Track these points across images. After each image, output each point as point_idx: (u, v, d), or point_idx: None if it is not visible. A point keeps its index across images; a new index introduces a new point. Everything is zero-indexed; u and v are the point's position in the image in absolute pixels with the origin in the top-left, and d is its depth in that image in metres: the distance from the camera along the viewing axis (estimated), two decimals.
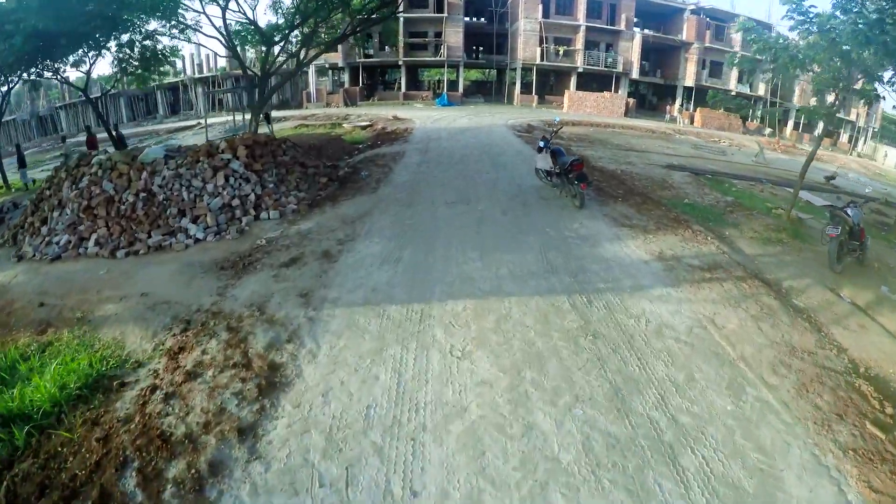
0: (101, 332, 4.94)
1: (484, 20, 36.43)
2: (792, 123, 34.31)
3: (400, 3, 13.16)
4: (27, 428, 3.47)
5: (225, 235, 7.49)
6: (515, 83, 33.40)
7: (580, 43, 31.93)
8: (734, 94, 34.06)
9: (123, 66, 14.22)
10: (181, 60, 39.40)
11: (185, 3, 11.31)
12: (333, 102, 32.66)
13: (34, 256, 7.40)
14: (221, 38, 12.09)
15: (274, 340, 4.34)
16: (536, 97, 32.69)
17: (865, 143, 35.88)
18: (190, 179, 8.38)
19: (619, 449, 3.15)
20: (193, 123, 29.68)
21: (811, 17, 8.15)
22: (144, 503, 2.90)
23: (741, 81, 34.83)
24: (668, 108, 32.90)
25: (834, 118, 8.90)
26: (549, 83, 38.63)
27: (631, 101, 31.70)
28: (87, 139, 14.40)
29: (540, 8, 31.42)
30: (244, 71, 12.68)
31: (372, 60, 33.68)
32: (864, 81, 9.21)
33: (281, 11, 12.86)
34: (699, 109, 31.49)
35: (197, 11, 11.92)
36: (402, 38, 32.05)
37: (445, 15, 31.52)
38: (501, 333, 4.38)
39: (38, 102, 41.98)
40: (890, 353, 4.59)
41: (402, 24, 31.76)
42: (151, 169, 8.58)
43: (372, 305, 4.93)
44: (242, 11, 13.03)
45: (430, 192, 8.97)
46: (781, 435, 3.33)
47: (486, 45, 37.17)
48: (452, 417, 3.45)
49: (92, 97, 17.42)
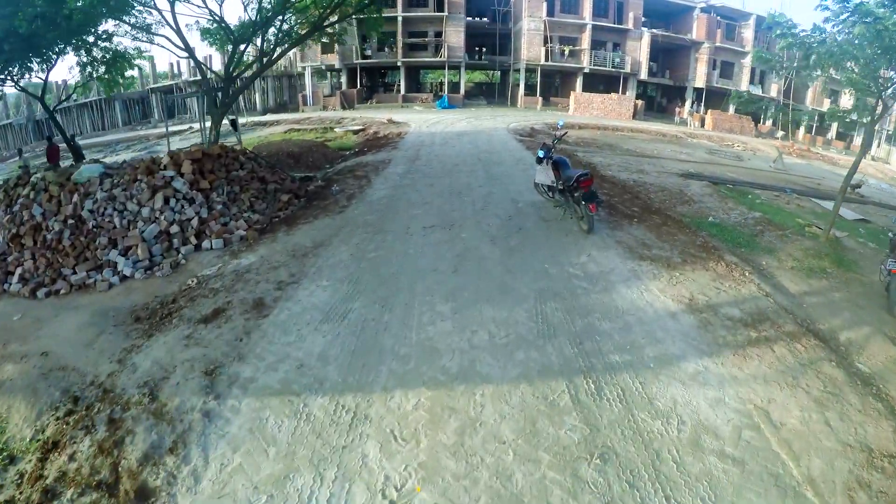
0: None
1: (487, 19, 35.23)
2: (805, 126, 32.88)
3: None
4: None
5: (156, 271, 6.26)
6: (519, 85, 32.20)
7: (586, 42, 30.68)
8: (746, 95, 32.75)
9: (87, 70, 13.19)
10: (176, 63, 38.62)
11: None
12: (330, 105, 31.61)
13: None
14: (178, 36, 10.95)
15: (154, 448, 3.16)
16: (541, 99, 31.45)
17: (879, 146, 34.36)
18: (125, 202, 7.19)
19: None
20: (185, 128, 28.74)
21: (853, 6, 6.98)
22: None
23: (753, 82, 33.46)
24: (677, 110, 31.57)
25: (874, 124, 7.58)
26: (554, 84, 37.38)
27: (639, 102, 30.41)
28: (47, 150, 13.15)
29: (544, 6, 30.20)
30: (202, 74, 11.52)
31: (370, 62, 32.56)
32: None
33: (252, 5, 11.66)
34: (710, 112, 30.14)
35: (151, 8, 10.72)
36: (400, 38, 30.93)
37: (446, 14, 30.37)
38: (464, 457, 3.09)
39: (35, 106, 41.40)
40: None
41: (400, 23, 30.66)
42: (85, 190, 7.43)
43: (291, 395, 3.68)
44: (208, 7, 11.77)
45: (407, 212, 7.72)
46: None
47: (489, 45, 35.97)
48: None
49: (67, 104, 16.38)
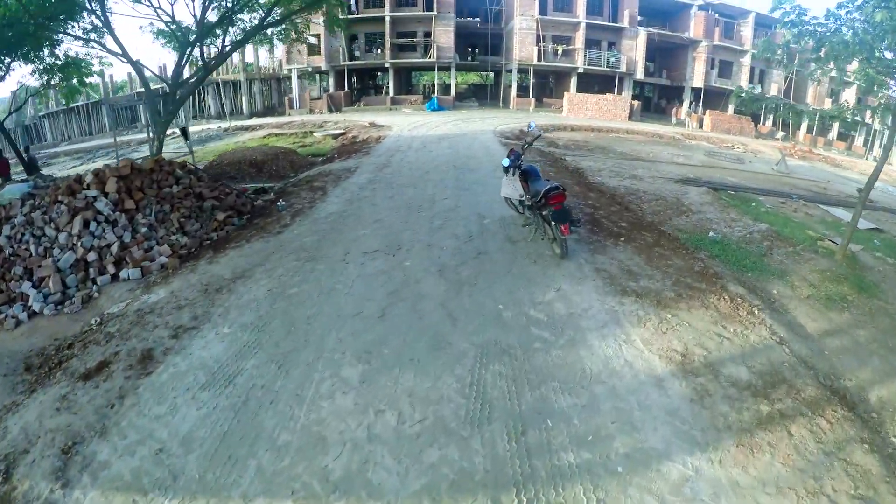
0: None
1: (479, 19, 34.28)
2: (805, 126, 31.84)
3: None
4: None
5: (66, 307, 5.31)
6: (511, 86, 31.21)
7: (580, 41, 29.67)
8: (745, 95, 31.75)
9: (43, 79, 12.22)
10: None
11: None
12: (317, 108, 30.63)
13: None
14: (113, 39, 9.88)
15: None
16: (534, 100, 30.45)
17: (881, 146, 33.28)
18: (43, 227, 6.24)
19: None
20: (168, 133, 27.70)
21: None
22: None
23: (752, 82, 32.44)
24: (674, 110, 30.54)
25: None
26: (548, 85, 36.40)
27: (635, 103, 29.37)
28: None
29: (536, 4, 29.21)
30: (144, 83, 10.44)
31: (357, 63, 31.58)
32: None
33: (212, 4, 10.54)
34: (709, 112, 29.11)
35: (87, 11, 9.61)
36: (388, 38, 29.95)
37: (435, 13, 29.39)
38: None
39: (25, 111, 40.66)
40: None
41: (388, 23, 29.72)
42: (6, 213, 6.55)
43: (137, 493, 2.70)
44: (153, 6, 10.54)
45: (353, 232, 6.62)
46: None
47: (481, 45, 34.99)
48: None
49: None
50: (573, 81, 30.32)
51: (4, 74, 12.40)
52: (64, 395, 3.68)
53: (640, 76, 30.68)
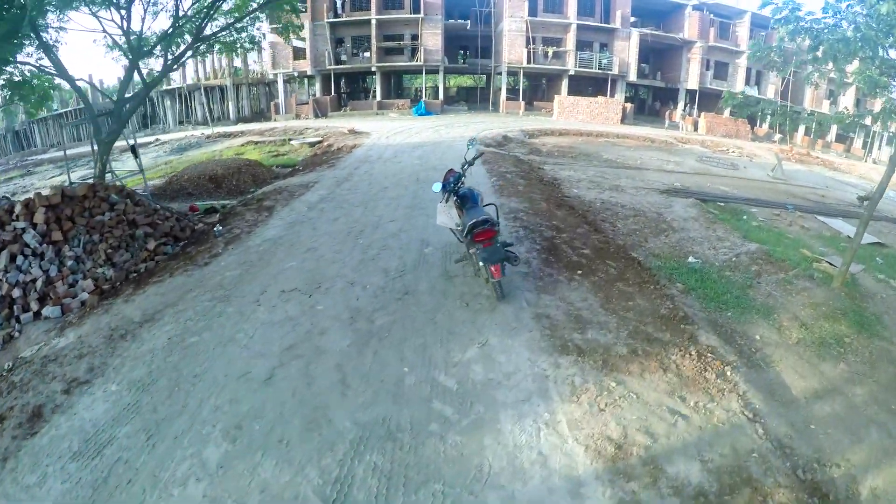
0: None
1: (469, 21, 33.54)
2: (803, 129, 30.98)
3: None
4: None
5: None
6: (501, 89, 30.44)
7: (571, 43, 28.90)
8: (741, 96, 30.90)
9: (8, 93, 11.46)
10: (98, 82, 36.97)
11: None
12: (303, 114, 29.92)
13: None
14: (45, 54, 9.02)
15: None
16: (524, 103, 29.65)
17: (880, 148, 32.32)
18: None
19: None
20: (150, 140, 27.10)
21: None
22: None
23: (749, 83, 31.61)
24: (668, 113, 29.71)
25: None
26: (540, 88, 35.64)
27: (628, 105, 28.58)
28: None
29: (526, 5, 28.46)
30: (85, 102, 9.57)
31: (344, 68, 30.83)
32: None
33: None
34: (704, 115, 28.28)
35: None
36: (374, 41, 29.22)
37: (422, 15, 28.66)
38: None
39: (16, 117, 40.21)
40: None
41: (374, 26, 28.99)
42: None
43: None
44: (96, 15, 9.55)
45: (278, 265, 5.83)
46: None
47: (471, 48, 34.27)
48: None
49: None
50: (564, 84, 29.55)
51: None
52: None
53: (633, 78, 29.88)
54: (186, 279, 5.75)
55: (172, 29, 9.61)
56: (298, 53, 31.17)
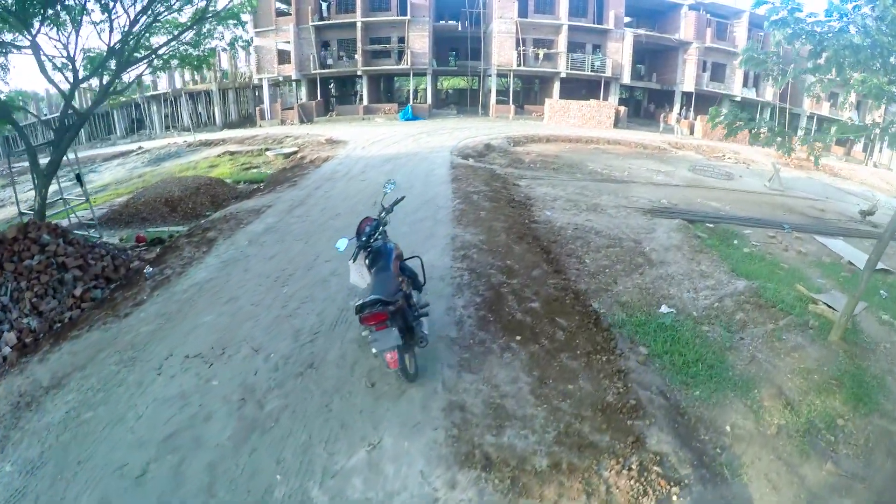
0: None
1: (458, 22, 32.68)
2: (803, 133, 29.96)
3: None
4: None
5: None
6: (491, 92, 29.53)
7: (562, 45, 27.97)
8: (739, 99, 29.96)
9: None
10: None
11: None
12: (289, 119, 29.10)
13: None
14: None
15: None
16: (514, 107, 28.76)
17: (881, 151, 31.29)
18: None
19: None
20: (134, 148, 26.26)
21: None
22: None
23: (746, 85, 30.63)
24: (663, 116, 28.75)
25: None
26: (533, 90, 34.73)
27: (622, 109, 27.64)
28: None
29: (515, 6, 27.54)
30: (20, 133, 8.63)
31: (329, 71, 29.96)
32: None
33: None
34: (700, 117, 27.32)
35: None
36: (360, 45, 28.34)
37: (408, 17, 27.76)
38: None
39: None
40: None
41: (360, 29, 28.11)
42: None
43: None
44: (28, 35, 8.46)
45: (194, 319, 5.05)
46: None
47: (461, 49, 33.38)
48: None
49: None
50: (556, 87, 28.64)
51: None
52: None
53: (626, 80, 28.94)
54: (102, 335, 5.09)
55: (107, 53, 8.66)
56: (284, 57, 30.32)
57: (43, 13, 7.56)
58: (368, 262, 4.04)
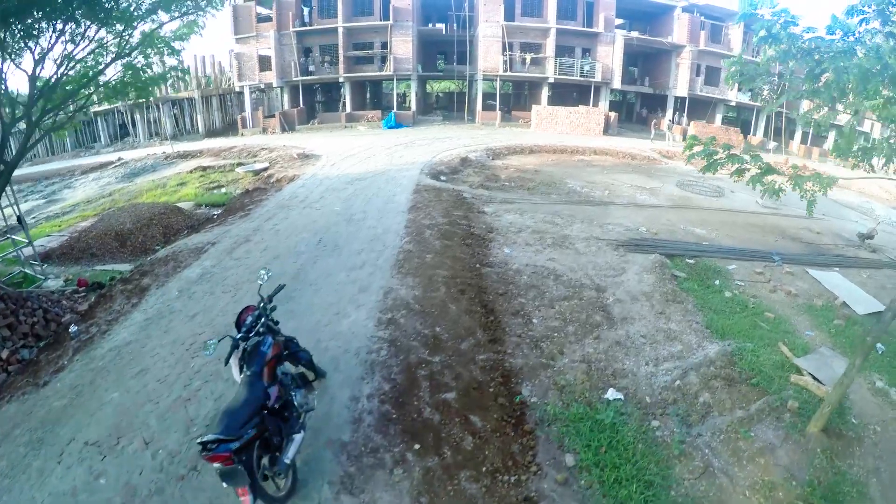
0: None
1: (445, 26, 31.79)
2: (799, 136, 29.07)
3: None
4: None
5: None
6: (477, 98, 28.65)
7: (551, 49, 27.05)
8: (734, 104, 29.04)
9: None
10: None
11: None
12: (270, 127, 28.22)
13: None
14: None
15: None
16: (500, 113, 27.87)
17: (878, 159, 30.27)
18: None
19: None
20: (114, 159, 25.35)
21: None
22: None
23: (741, 90, 29.67)
24: (655, 121, 27.83)
25: None
26: (522, 95, 33.81)
27: (612, 115, 26.73)
28: None
29: (502, 9, 26.64)
30: None
31: (311, 78, 29.09)
32: None
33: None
34: (693, 123, 26.41)
35: None
36: (342, 50, 27.48)
37: (391, 22, 26.89)
38: None
39: None
40: None
41: (341, 35, 27.25)
42: None
43: None
44: None
45: (106, 394, 4.47)
46: None
47: (448, 53, 32.49)
48: None
49: None
50: (545, 92, 27.74)
51: None
52: None
53: (617, 85, 28.03)
54: (19, 407, 4.55)
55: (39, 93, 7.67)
56: (265, 64, 29.48)
57: None
58: (245, 362, 3.27)
